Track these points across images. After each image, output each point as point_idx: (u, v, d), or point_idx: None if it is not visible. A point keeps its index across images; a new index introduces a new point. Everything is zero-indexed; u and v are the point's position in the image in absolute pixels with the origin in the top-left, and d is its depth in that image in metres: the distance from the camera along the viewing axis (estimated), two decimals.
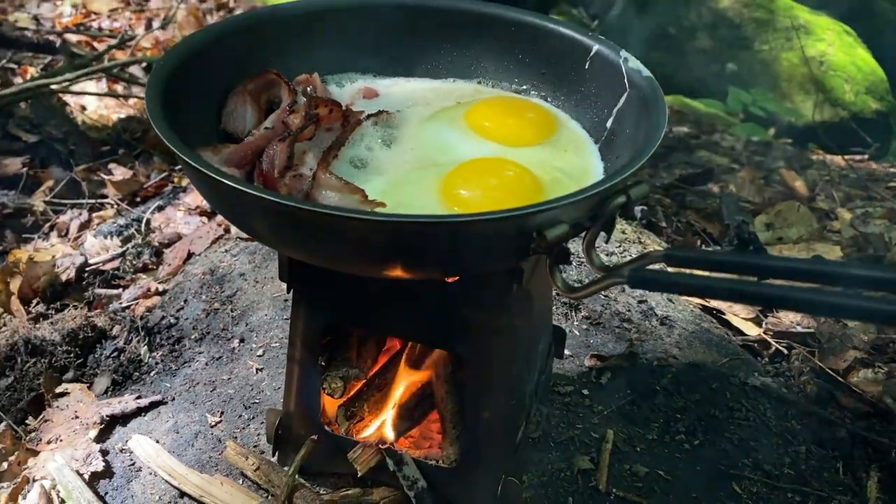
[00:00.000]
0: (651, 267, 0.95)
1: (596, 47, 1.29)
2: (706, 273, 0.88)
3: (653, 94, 1.15)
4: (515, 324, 1.17)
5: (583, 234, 1.02)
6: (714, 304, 1.99)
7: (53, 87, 3.07)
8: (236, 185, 0.90)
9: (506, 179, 1.17)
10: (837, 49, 6.60)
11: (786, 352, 1.88)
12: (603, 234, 1.04)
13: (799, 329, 1.93)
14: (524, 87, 1.41)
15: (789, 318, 1.96)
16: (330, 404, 1.35)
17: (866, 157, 4.96)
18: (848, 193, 3.65)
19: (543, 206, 0.90)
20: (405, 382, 1.35)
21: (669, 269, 1.51)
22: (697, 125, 5.12)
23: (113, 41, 4.34)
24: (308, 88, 1.35)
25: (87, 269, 2.24)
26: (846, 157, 5.05)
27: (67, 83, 3.07)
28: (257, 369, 1.67)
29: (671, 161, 4.26)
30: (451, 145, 1.27)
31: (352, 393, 1.35)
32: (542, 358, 1.43)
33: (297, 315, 1.26)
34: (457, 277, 1.14)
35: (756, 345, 1.91)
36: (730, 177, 3.39)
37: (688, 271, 0.93)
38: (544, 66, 1.38)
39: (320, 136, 1.25)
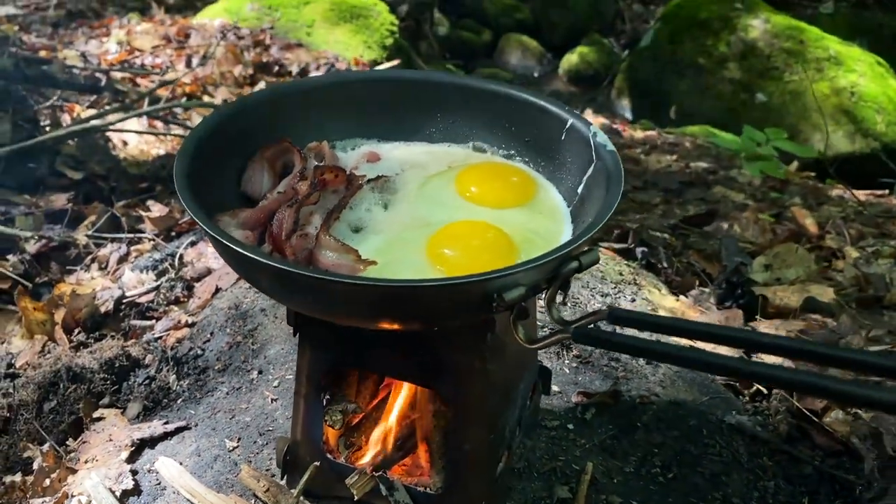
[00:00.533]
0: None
1: (570, 121, 1.46)
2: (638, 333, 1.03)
3: (614, 168, 1.31)
4: (490, 367, 1.32)
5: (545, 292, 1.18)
6: (700, 344, 2.12)
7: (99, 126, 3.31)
8: (243, 252, 1.08)
9: (483, 241, 1.33)
10: (869, 80, 6.68)
11: (766, 391, 2.01)
12: (561, 292, 1.19)
13: None
14: (511, 152, 1.58)
15: (771, 360, 2.09)
16: (332, 434, 1.51)
17: (887, 192, 5.01)
18: (860, 231, 3.69)
19: (499, 273, 1.06)
20: (399, 416, 1.51)
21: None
22: (717, 159, 5.20)
23: (156, 78, 4.61)
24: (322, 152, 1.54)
25: (124, 301, 2.44)
26: (867, 191, 5.10)
27: (113, 124, 3.31)
28: (272, 399, 1.84)
29: (686, 197, 4.37)
30: (440, 207, 1.44)
31: (351, 424, 1.51)
32: (523, 396, 1.58)
33: (302, 355, 1.43)
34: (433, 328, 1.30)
35: (738, 384, 2.04)
36: (734, 216, 3.49)
37: (629, 331, 1.08)
38: (528, 135, 1.55)
39: (326, 197, 1.42)
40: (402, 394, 1.50)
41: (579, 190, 1.42)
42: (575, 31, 9.60)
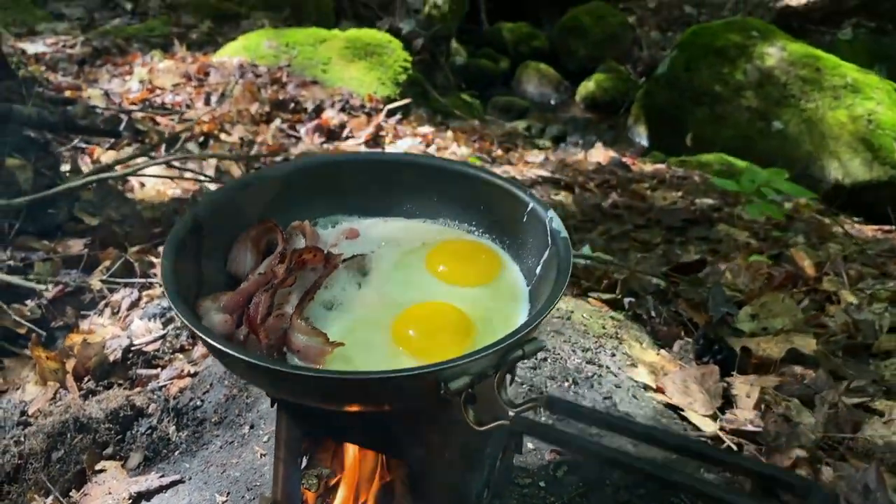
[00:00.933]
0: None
1: (531, 205, 1.56)
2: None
3: (564, 256, 1.41)
4: (450, 440, 1.43)
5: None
6: (675, 400, 2.21)
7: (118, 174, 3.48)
8: (212, 342, 1.20)
9: (444, 323, 1.44)
10: (887, 108, 6.72)
11: (736, 448, 2.08)
12: (509, 375, 1.29)
13: (750, 427, 2.13)
14: (480, 229, 1.69)
15: (744, 416, 2.17)
16: (310, 496, 1.62)
17: (895, 228, 5.04)
18: (860, 272, 3.70)
19: (443, 365, 1.17)
20: (373, 480, 1.62)
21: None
22: (723, 196, 5.25)
23: (175, 117, 4.78)
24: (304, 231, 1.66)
25: (132, 349, 2.57)
26: (875, 226, 5.13)
27: (133, 171, 3.48)
28: (261, 454, 1.95)
29: (688, 236, 4.43)
30: (410, 286, 1.55)
31: (329, 486, 1.62)
32: (491, 459, 1.68)
33: (280, 424, 1.54)
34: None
35: (711, 440, 2.12)
36: (731, 258, 3.55)
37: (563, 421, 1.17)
38: (495, 216, 1.66)
39: (304, 276, 1.54)
40: (375, 459, 1.61)
41: (538, 271, 1.52)
42: (592, 58, 9.73)
